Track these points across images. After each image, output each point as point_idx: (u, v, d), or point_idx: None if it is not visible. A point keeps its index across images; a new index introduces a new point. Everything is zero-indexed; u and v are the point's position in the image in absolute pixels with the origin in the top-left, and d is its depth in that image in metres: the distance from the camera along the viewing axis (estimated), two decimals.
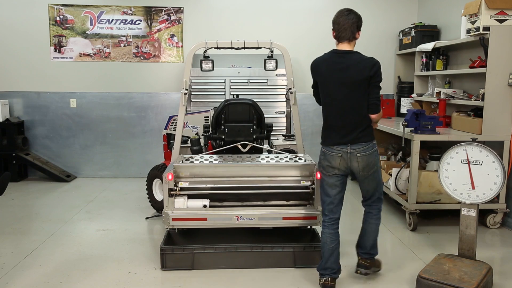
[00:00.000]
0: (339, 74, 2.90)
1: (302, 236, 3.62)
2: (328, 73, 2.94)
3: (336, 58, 2.95)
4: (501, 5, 4.00)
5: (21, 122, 6.10)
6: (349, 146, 2.92)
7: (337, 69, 2.91)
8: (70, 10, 6.01)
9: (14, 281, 3.11)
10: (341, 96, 2.93)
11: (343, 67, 2.89)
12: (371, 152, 2.94)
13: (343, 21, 2.92)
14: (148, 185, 4.59)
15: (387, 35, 6.23)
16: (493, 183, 3.01)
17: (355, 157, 2.92)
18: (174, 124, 4.56)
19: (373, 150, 2.95)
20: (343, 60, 2.91)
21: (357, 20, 2.94)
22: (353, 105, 2.92)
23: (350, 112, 2.93)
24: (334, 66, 2.92)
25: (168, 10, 6.08)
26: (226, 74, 5.71)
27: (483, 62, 4.23)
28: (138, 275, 3.21)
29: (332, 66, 2.93)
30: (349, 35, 2.92)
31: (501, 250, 3.81)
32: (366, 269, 3.18)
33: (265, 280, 3.14)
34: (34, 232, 4.08)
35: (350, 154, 2.92)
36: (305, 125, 6.20)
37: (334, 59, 2.95)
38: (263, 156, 3.62)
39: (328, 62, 2.96)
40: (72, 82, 6.13)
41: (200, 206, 3.27)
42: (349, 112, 2.93)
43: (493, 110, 4.07)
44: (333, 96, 2.96)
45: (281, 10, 6.16)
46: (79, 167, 6.28)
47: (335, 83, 2.92)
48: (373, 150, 2.95)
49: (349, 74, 2.88)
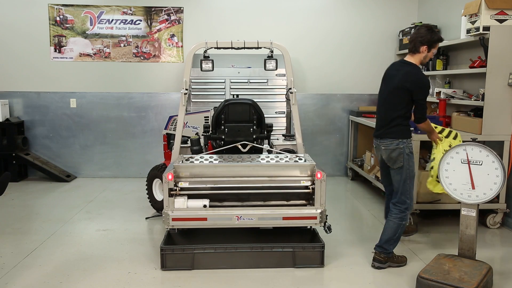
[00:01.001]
0: (389, 79, 3.39)
1: (302, 236, 3.62)
2: (385, 75, 3.46)
3: (397, 65, 3.43)
4: (501, 5, 4.00)
5: (21, 122, 6.10)
6: (378, 140, 3.42)
7: (391, 74, 3.40)
8: (70, 10, 6.01)
9: (14, 281, 3.11)
10: (383, 97, 3.43)
11: (394, 74, 3.35)
12: (394, 148, 3.30)
13: (412, 34, 3.36)
14: (148, 185, 4.59)
15: (387, 35, 6.23)
16: (493, 183, 3.01)
17: (380, 149, 3.43)
18: (174, 124, 4.56)
19: (397, 147, 3.30)
20: (398, 68, 3.37)
21: (424, 35, 3.25)
22: (387, 107, 3.36)
23: (384, 112, 3.39)
24: (391, 71, 3.42)
25: (168, 10, 6.08)
26: (226, 74, 5.71)
27: (483, 62, 4.23)
28: (138, 275, 3.21)
29: (390, 70, 3.44)
30: (412, 47, 3.32)
31: (501, 250, 3.81)
32: (379, 263, 3.36)
33: (265, 280, 3.14)
34: (34, 232, 4.08)
35: (377, 146, 3.45)
36: (305, 125, 6.20)
37: (395, 66, 3.44)
38: (263, 156, 3.62)
39: (391, 66, 3.47)
40: (72, 82, 6.13)
41: (200, 206, 3.26)
42: (383, 112, 3.40)
43: (493, 110, 4.07)
44: (380, 95, 3.49)
45: (281, 10, 6.16)
46: (79, 167, 6.28)
47: (384, 85, 3.44)
48: (397, 147, 3.30)
49: (394, 80, 3.32)
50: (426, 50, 3.26)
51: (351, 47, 6.28)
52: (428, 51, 3.27)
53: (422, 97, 3.26)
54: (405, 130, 3.31)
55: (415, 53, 3.29)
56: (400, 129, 3.30)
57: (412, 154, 3.34)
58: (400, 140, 3.29)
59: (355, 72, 6.30)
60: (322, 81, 6.25)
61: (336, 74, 6.28)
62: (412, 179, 3.36)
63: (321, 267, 3.33)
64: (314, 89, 6.25)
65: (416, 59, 3.30)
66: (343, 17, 6.20)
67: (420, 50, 3.26)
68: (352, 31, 6.24)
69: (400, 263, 3.41)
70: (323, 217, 3.29)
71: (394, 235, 3.32)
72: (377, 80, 6.24)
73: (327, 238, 3.58)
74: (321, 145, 6.39)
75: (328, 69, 6.23)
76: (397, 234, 3.33)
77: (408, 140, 3.31)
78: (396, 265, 3.39)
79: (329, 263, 3.40)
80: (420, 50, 3.26)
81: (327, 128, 6.38)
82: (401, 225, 3.32)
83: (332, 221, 4.20)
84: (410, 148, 3.32)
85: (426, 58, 3.31)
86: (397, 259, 3.41)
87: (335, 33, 6.21)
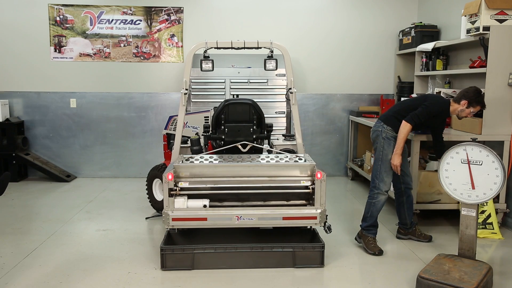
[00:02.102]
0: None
1: (302, 236, 3.62)
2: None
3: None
4: (501, 5, 4.00)
5: (21, 122, 6.10)
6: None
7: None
8: (70, 10, 6.01)
9: (14, 281, 3.11)
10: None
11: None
12: (375, 130, 3.72)
13: (462, 90, 3.65)
14: (148, 185, 4.59)
15: (387, 35, 6.23)
16: (493, 183, 3.01)
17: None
18: (174, 124, 4.56)
19: (377, 129, 3.69)
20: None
21: (470, 93, 3.55)
22: (402, 106, 3.78)
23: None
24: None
25: (168, 10, 6.08)
26: (226, 74, 5.71)
27: (483, 62, 4.23)
28: (138, 275, 3.21)
29: None
30: (456, 97, 3.64)
31: (501, 250, 3.81)
32: (358, 237, 3.77)
33: (265, 280, 3.14)
34: (34, 232, 4.08)
35: None
36: (305, 125, 6.20)
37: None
38: (263, 156, 3.62)
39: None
40: (72, 82, 6.13)
41: (200, 206, 3.26)
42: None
43: (493, 110, 4.07)
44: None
45: (281, 10, 6.16)
46: (79, 167, 6.28)
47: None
48: (376, 129, 3.70)
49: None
50: (465, 105, 3.55)
51: (351, 47, 6.28)
52: (467, 107, 3.56)
53: (427, 104, 3.54)
54: (394, 120, 3.63)
55: (455, 102, 3.61)
56: (391, 118, 3.66)
57: (389, 140, 3.62)
58: (382, 125, 3.66)
59: (355, 72, 6.30)
60: (322, 81, 6.25)
61: (336, 74, 6.29)
62: (384, 163, 3.63)
63: (321, 267, 3.33)
64: (314, 89, 6.25)
65: (453, 106, 3.61)
66: (343, 17, 6.20)
67: (460, 103, 3.57)
68: (352, 31, 6.24)
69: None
70: (323, 217, 3.29)
71: (367, 213, 3.68)
72: (377, 80, 6.33)
73: (327, 238, 3.58)
74: (321, 145, 6.39)
75: (328, 69, 6.23)
76: (369, 212, 3.67)
77: (389, 128, 3.62)
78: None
79: (329, 263, 3.40)
80: (461, 103, 3.56)
81: (327, 128, 6.38)
82: (370, 203, 3.67)
83: (332, 221, 4.20)
84: (388, 134, 3.63)
85: (461, 113, 3.61)
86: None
87: (335, 33, 6.21)
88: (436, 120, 3.65)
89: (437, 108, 3.57)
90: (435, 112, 3.56)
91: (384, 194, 3.65)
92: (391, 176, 3.67)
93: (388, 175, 3.65)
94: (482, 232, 3.98)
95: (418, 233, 3.90)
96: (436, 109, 3.55)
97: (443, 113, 3.64)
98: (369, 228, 3.68)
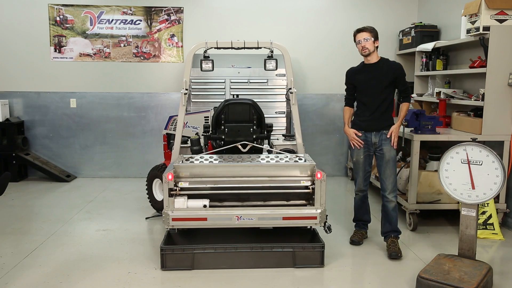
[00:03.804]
0: None
1: (302, 236, 3.62)
2: None
3: None
4: (501, 5, 4.00)
5: (21, 122, 6.10)
6: None
7: None
8: (70, 10, 6.01)
9: (14, 281, 3.11)
10: None
11: None
12: None
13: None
14: (148, 185, 4.59)
15: (387, 35, 6.22)
16: (493, 183, 3.01)
17: None
18: (174, 124, 4.56)
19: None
20: None
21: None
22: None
23: None
24: None
25: (168, 10, 6.08)
26: (226, 74, 5.71)
27: (483, 62, 4.23)
28: (138, 275, 3.21)
29: None
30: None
31: (501, 250, 3.81)
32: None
33: (265, 280, 3.14)
34: (34, 232, 4.08)
35: None
36: (305, 125, 6.20)
37: None
38: (263, 156, 3.62)
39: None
40: (72, 82, 6.13)
41: (200, 206, 3.26)
42: None
43: (493, 110, 4.07)
44: None
45: (281, 10, 6.16)
46: (79, 167, 6.28)
47: None
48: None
49: None
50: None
51: (351, 47, 6.19)
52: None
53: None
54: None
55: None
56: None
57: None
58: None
59: None
60: (322, 81, 6.24)
61: (336, 74, 6.26)
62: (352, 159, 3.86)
63: (321, 267, 3.33)
64: (314, 89, 6.24)
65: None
66: (342, 17, 6.20)
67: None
68: (352, 31, 6.22)
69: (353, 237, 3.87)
70: (323, 217, 3.29)
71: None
72: None
73: (327, 238, 3.58)
74: (321, 145, 6.39)
75: (328, 69, 6.23)
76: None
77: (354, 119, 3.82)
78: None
79: (329, 263, 3.40)
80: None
81: (327, 128, 6.38)
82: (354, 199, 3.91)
83: (332, 221, 4.20)
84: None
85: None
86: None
87: (335, 33, 6.20)
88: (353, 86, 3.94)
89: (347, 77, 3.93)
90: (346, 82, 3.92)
91: (357, 194, 3.85)
92: (359, 177, 3.77)
93: (357, 175, 3.79)
94: (483, 233, 3.98)
95: (389, 247, 3.60)
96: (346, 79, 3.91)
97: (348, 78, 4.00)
98: (355, 222, 3.97)
